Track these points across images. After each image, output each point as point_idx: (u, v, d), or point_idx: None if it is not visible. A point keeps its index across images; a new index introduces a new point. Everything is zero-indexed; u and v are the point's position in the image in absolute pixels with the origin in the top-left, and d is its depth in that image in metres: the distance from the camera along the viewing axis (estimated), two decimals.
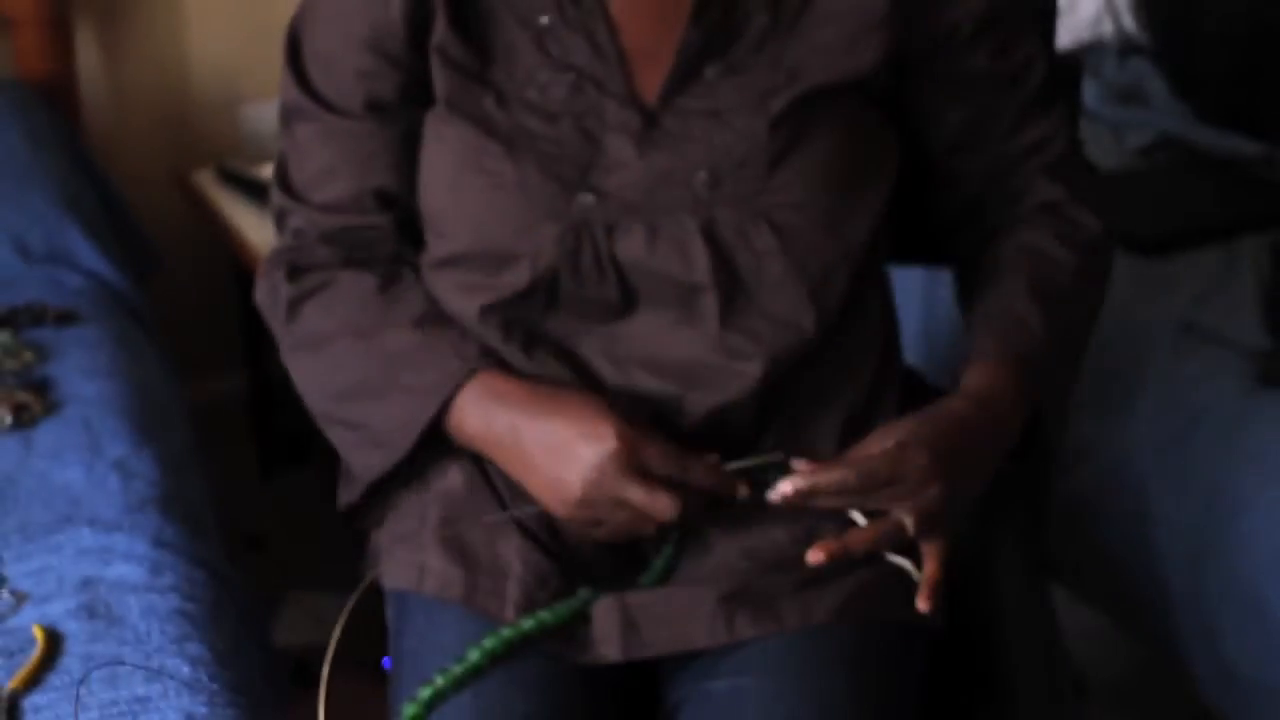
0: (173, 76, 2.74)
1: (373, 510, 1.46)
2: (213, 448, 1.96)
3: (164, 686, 1.38)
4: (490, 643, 1.28)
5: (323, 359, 1.39)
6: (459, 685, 1.28)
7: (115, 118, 2.72)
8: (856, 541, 1.31)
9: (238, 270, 2.55)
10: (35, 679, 1.39)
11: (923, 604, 1.32)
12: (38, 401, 1.82)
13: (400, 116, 1.38)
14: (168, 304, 2.47)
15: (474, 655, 1.28)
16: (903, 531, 1.31)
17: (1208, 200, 2.39)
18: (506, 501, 1.37)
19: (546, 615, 1.30)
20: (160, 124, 2.74)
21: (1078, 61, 1.73)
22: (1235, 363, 2.03)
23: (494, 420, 1.32)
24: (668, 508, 1.28)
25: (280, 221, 1.45)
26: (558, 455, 1.29)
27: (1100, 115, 2.64)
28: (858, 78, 1.34)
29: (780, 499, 1.29)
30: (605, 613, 1.31)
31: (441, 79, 1.34)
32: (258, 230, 2.40)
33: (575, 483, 1.28)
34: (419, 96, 1.37)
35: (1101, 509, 2.04)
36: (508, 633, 1.29)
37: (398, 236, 1.41)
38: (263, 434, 2.80)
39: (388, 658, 1.40)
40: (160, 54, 2.72)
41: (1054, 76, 1.45)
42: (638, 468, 1.27)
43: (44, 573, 1.53)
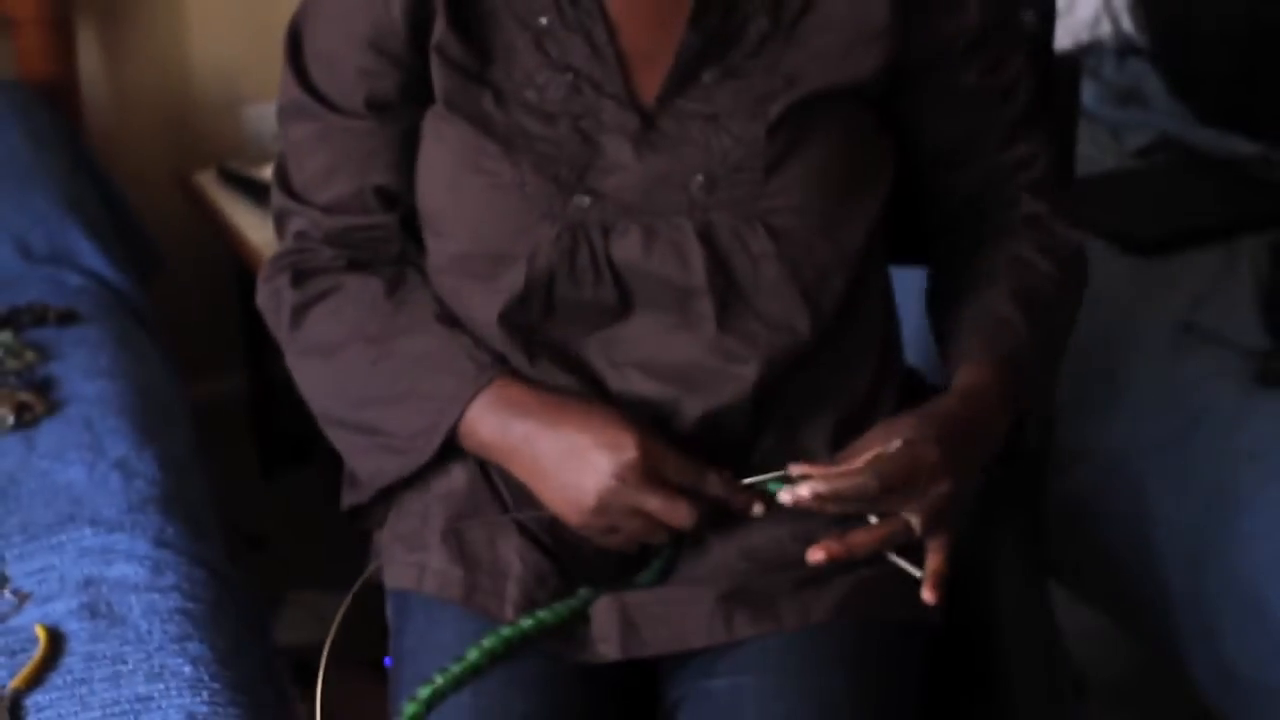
0: (174, 77, 2.74)
1: (376, 510, 1.46)
2: (214, 447, 1.96)
3: (165, 685, 1.38)
4: (490, 642, 1.29)
5: (333, 365, 1.39)
6: (459, 684, 1.28)
7: (117, 118, 2.72)
8: (860, 542, 1.30)
9: (239, 270, 2.55)
10: (37, 678, 1.39)
11: (929, 595, 1.31)
12: (39, 401, 1.82)
13: (401, 115, 1.38)
14: (169, 304, 2.47)
15: (474, 654, 1.28)
16: (909, 532, 1.31)
17: (1207, 200, 2.39)
18: (509, 502, 1.37)
19: (546, 615, 1.30)
20: (162, 124, 2.75)
21: (1077, 62, 1.72)
22: (1234, 363, 2.03)
23: (509, 427, 1.32)
24: (686, 516, 1.28)
25: (281, 223, 1.45)
26: (574, 463, 1.29)
27: (1099, 116, 2.64)
28: (856, 84, 1.34)
29: (794, 501, 1.28)
30: (604, 612, 1.31)
31: (441, 78, 1.34)
32: (259, 231, 2.40)
33: (591, 491, 1.28)
34: (419, 96, 1.36)
35: (1101, 509, 2.04)
36: (507, 632, 1.29)
37: (402, 236, 1.41)
38: (264, 434, 2.80)
39: (388, 657, 1.41)
40: (162, 54, 2.73)
41: (1039, 98, 1.45)
42: (656, 477, 1.28)
43: (46, 572, 1.53)
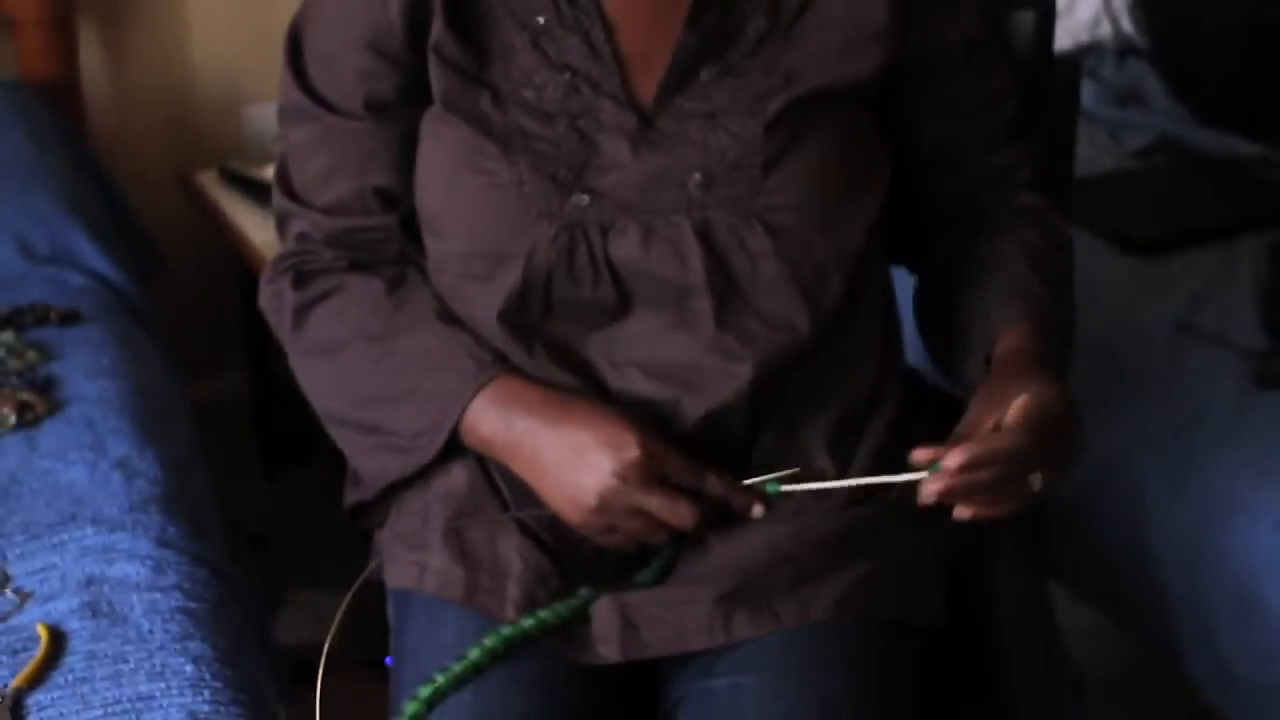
0: (176, 78, 2.74)
1: (377, 509, 1.46)
2: (215, 447, 1.96)
3: (167, 685, 1.38)
4: (491, 641, 1.29)
5: (336, 365, 1.39)
6: (459, 683, 1.28)
7: (118, 119, 2.72)
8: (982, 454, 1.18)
9: (240, 270, 2.56)
10: (39, 677, 1.39)
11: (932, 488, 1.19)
12: (41, 401, 1.82)
13: (400, 116, 1.38)
14: (171, 304, 2.47)
15: (474, 654, 1.29)
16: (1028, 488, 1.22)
17: (1206, 201, 2.39)
18: (509, 500, 1.37)
19: (546, 614, 1.31)
20: (163, 125, 2.75)
21: (1077, 63, 1.73)
22: (1233, 363, 2.03)
23: (511, 424, 1.32)
24: (689, 516, 1.29)
25: (283, 225, 1.45)
26: (576, 462, 1.29)
27: (1099, 116, 2.64)
28: (854, 84, 1.34)
29: (942, 490, 1.18)
30: (604, 613, 1.32)
31: (439, 78, 1.34)
32: (260, 231, 2.40)
33: (592, 489, 1.28)
34: (418, 97, 1.37)
35: (1100, 509, 2.04)
36: (508, 631, 1.30)
37: (402, 237, 1.41)
38: (265, 433, 2.80)
39: (389, 656, 1.41)
40: (163, 55, 2.73)
41: (1024, 110, 1.46)
42: (657, 477, 1.28)
43: (47, 571, 1.54)
